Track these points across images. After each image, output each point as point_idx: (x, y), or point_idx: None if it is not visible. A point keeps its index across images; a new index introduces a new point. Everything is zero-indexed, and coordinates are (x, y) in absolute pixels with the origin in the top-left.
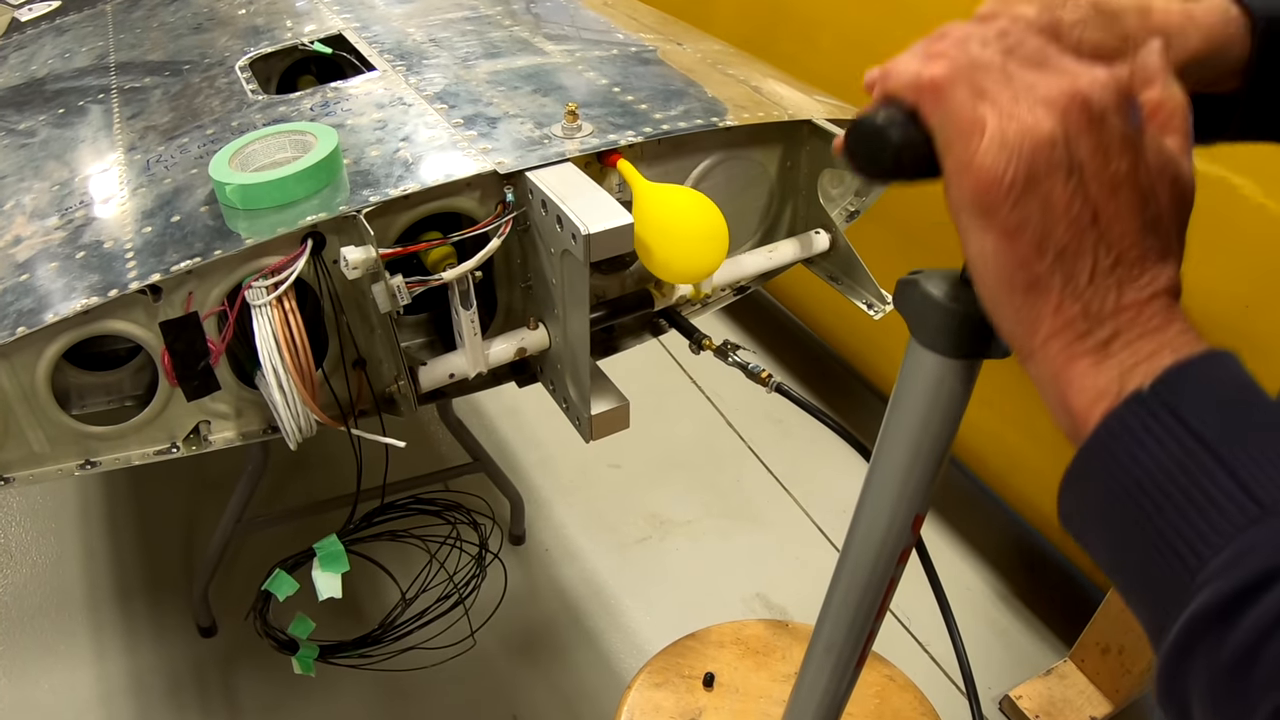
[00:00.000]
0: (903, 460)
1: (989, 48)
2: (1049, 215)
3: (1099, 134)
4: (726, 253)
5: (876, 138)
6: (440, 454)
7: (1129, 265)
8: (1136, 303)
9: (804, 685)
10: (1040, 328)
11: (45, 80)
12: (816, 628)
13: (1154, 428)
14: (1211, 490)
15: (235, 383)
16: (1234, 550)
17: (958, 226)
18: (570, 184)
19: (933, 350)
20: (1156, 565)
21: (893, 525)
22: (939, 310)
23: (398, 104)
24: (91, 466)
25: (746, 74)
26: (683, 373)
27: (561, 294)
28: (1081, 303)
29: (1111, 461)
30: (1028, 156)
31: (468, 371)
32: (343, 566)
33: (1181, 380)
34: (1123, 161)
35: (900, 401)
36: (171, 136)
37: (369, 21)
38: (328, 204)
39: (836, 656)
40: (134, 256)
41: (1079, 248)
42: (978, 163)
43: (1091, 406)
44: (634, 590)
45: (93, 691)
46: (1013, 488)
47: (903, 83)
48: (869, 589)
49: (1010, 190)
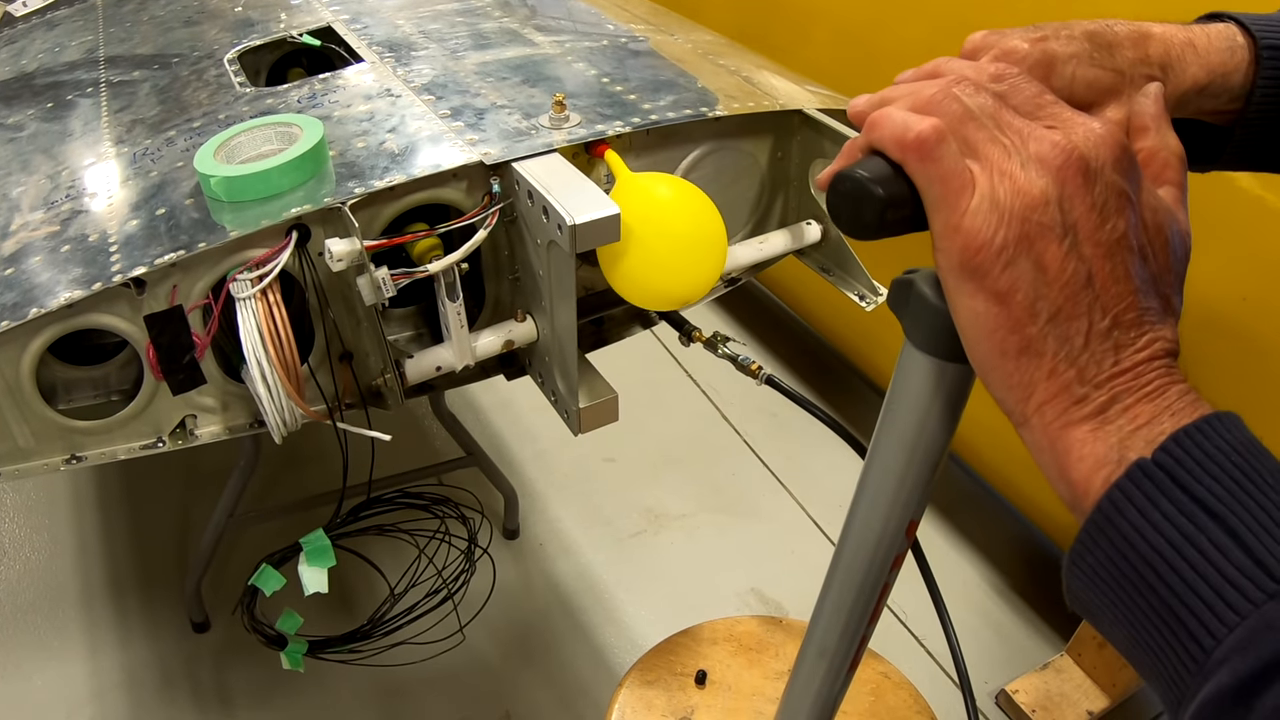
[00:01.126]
0: (897, 466)
1: (980, 95)
2: (1042, 278)
3: (1094, 193)
4: (717, 270)
5: (860, 194)
6: (434, 448)
7: (1126, 328)
8: (1134, 366)
9: (796, 689)
10: (1034, 393)
11: (35, 74)
12: (809, 631)
13: (1159, 500)
14: (1224, 565)
15: (221, 376)
16: (1249, 628)
17: (945, 287)
18: (557, 175)
19: (929, 354)
20: (1170, 643)
21: (886, 531)
22: (936, 313)
23: (385, 95)
24: (77, 461)
25: (738, 64)
26: (678, 366)
27: (549, 286)
28: (1076, 368)
29: (1118, 536)
30: (1019, 218)
31: (454, 364)
32: (329, 561)
33: (1185, 448)
34: (1119, 220)
35: (895, 406)
36: (159, 129)
37: (359, 14)
38: (313, 196)
39: (829, 661)
40: (118, 250)
41: (1073, 311)
42: (967, 224)
43: (1091, 476)
44: (629, 585)
45: (86, 687)
46: (1010, 482)
47: (889, 137)
48: (862, 594)
49: (1001, 253)
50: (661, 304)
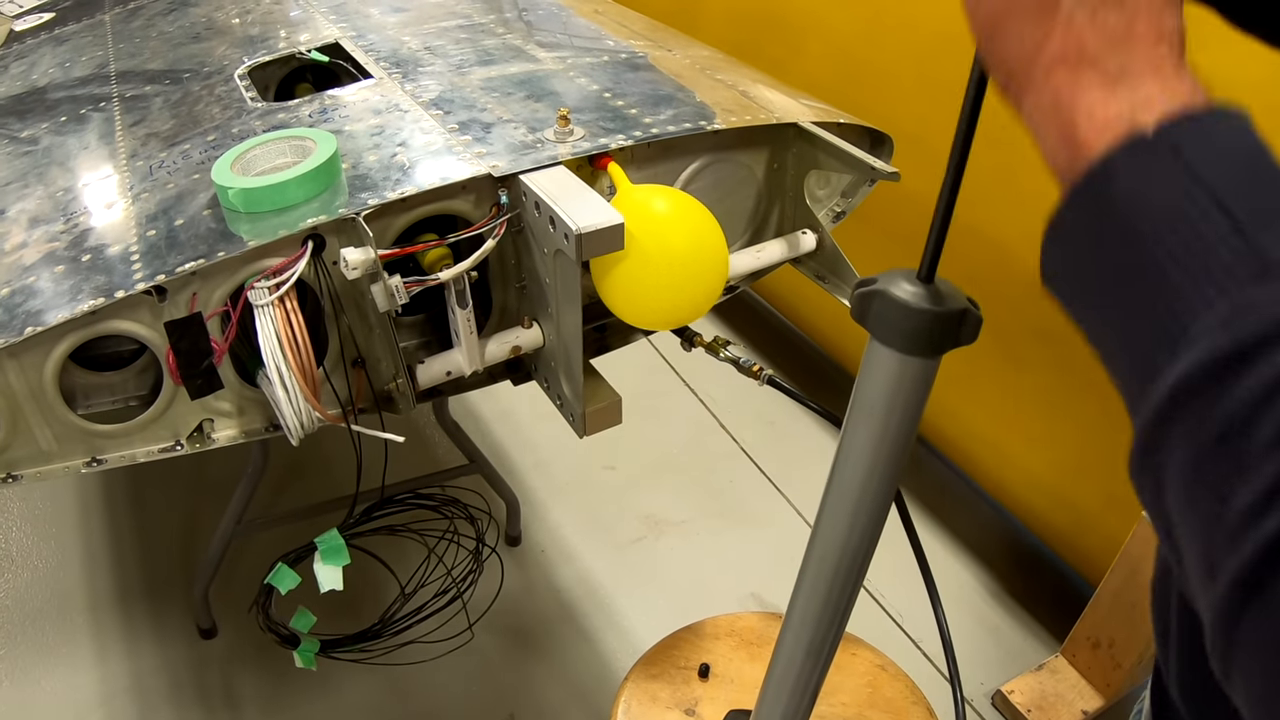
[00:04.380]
0: (866, 455)
1: None
2: None
3: None
4: (718, 286)
5: None
6: (437, 456)
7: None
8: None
9: (775, 675)
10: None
11: (46, 89)
12: (785, 623)
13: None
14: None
15: (238, 381)
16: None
17: None
18: (562, 186)
19: (905, 353)
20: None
21: (859, 512)
22: (898, 308)
23: (394, 110)
24: (98, 464)
25: (735, 79)
26: (676, 376)
27: (555, 293)
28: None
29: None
30: None
31: (464, 369)
32: (343, 559)
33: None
34: None
35: (867, 403)
36: (173, 143)
37: (364, 30)
38: (327, 207)
39: (805, 646)
40: (139, 259)
41: None
42: None
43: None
44: (629, 590)
45: (94, 693)
46: (1004, 486)
47: None
48: (839, 574)
49: None
50: (663, 322)
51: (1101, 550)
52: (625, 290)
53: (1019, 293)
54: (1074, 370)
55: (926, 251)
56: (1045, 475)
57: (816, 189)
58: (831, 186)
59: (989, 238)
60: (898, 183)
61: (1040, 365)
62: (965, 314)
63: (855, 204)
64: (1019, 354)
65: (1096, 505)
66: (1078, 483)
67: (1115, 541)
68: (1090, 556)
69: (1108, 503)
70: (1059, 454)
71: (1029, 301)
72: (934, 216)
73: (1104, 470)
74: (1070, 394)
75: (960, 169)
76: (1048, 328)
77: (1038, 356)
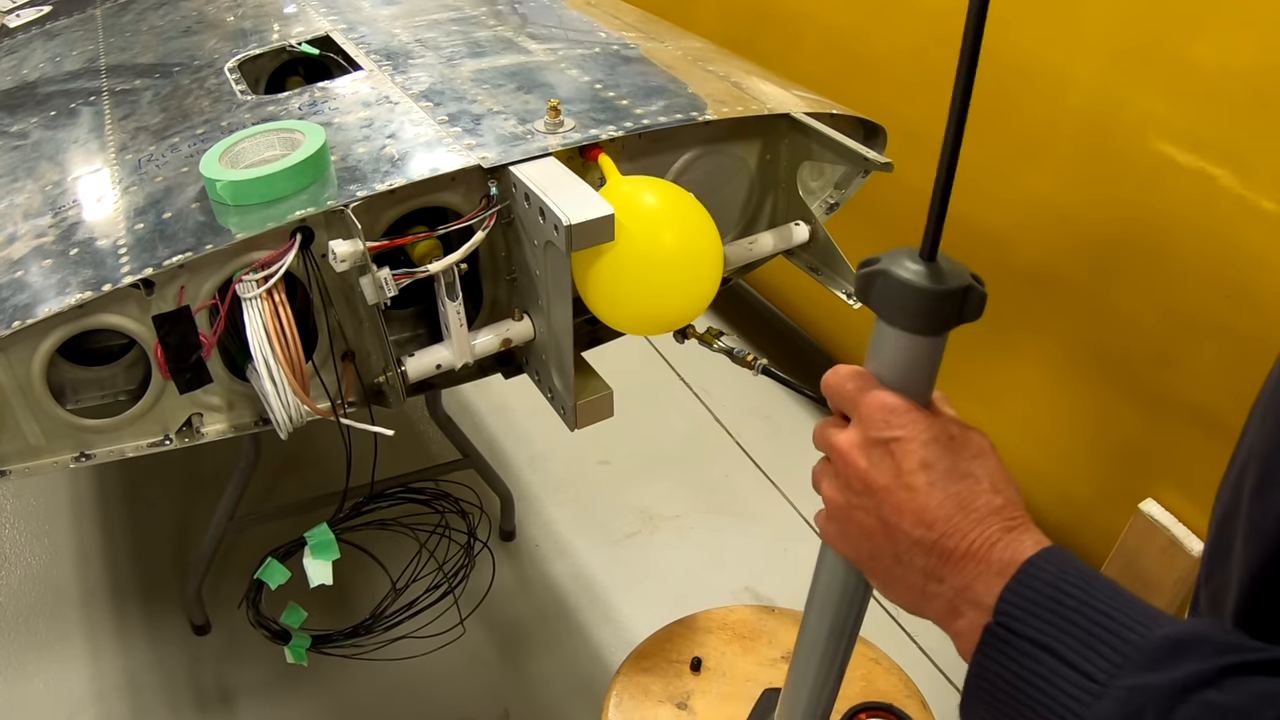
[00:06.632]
0: None
1: None
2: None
3: None
4: (712, 285)
5: None
6: (430, 451)
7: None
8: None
9: (793, 679)
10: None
11: (37, 84)
12: (803, 621)
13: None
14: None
15: (227, 375)
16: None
17: None
18: (553, 177)
19: (910, 331)
20: None
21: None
22: (903, 287)
23: (384, 102)
24: (86, 459)
25: (728, 70)
26: (671, 370)
27: (545, 285)
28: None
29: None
30: None
31: (454, 362)
32: (333, 554)
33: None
34: None
35: None
36: (162, 136)
37: (356, 23)
38: (316, 199)
39: (821, 651)
40: (127, 252)
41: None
42: None
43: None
44: (623, 585)
45: (87, 690)
46: None
47: None
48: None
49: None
50: (656, 323)
51: (1097, 543)
52: (614, 289)
53: (1012, 284)
54: (1068, 362)
55: (928, 229)
56: (1040, 468)
57: (810, 180)
58: (825, 178)
59: (980, 229)
60: (892, 174)
61: (1034, 356)
62: (969, 290)
63: (849, 195)
64: (1013, 345)
65: (1091, 497)
66: (1072, 475)
67: (1111, 534)
68: (1086, 549)
69: (1103, 495)
70: (1053, 447)
71: (1022, 293)
72: (933, 191)
73: (1099, 463)
74: (1064, 386)
75: (959, 132)
76: (1041, 319)
77: (1031, 348)
